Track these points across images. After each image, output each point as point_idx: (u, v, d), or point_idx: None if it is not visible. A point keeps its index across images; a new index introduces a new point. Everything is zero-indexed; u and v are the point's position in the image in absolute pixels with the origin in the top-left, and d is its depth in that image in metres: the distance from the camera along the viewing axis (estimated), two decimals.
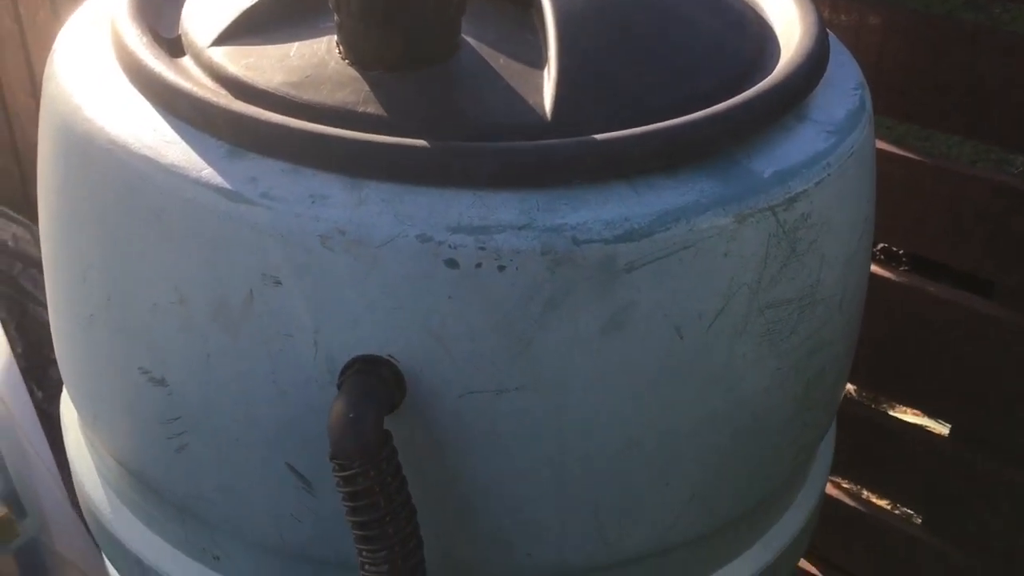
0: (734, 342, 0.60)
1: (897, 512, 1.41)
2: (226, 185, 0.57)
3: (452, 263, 0.54)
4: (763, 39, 0.71)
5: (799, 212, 0.60)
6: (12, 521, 1.28)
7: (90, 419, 0.72)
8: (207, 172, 0.57)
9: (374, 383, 0.56)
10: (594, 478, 0.61)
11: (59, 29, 0.71)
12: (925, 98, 1.00)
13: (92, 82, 0.65)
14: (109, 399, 0.68)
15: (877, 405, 1.65)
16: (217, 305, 0.58)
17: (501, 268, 0.55)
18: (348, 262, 0.55)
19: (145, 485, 0.70)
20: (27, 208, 2.16)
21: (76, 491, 0.82)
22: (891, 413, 1.52)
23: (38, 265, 2.03)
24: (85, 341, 0.67)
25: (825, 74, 0.68)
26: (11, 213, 2.19)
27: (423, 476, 0.58)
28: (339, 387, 0.57)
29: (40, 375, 1.63)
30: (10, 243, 2.12)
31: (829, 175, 0.62)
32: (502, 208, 0.55)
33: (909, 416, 1.51)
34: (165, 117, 0.61)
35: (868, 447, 1.21)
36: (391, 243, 0.54)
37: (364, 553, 0.56)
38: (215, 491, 0.65)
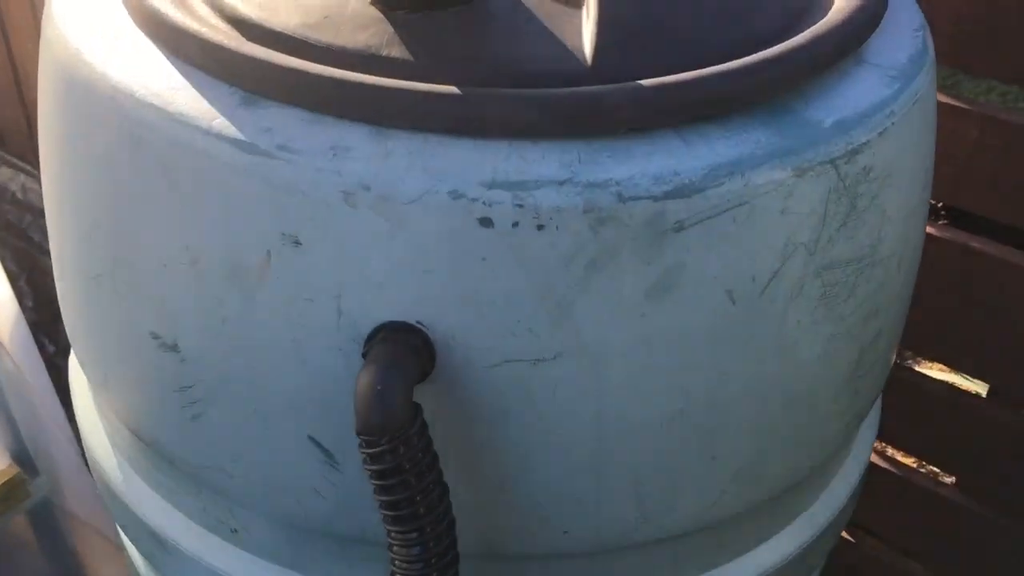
0: (788, 307, 0.56)
1: (926, 471, 1.38)
2: (239, 136, 0.52)
3: (486, 222, 0.50)
4: None
5: (861, 165, 0.56)
6: (24, 480, 1.25)
7: (100, 384, 0.69)
8: (219, 121, 0.53)
9: (402, 352, 0.52)
10: (636, 452, 0.58)
11: None
12: (975, 43, 0.95)
13: (94, 24, 0.61)
14: (119, 364, 0.64)
15: (912, 363, 1.61)
16: (232, 266, 0.54)
17: (540, 227, 0.50)
18: (373, 220, 0.51)
19: (159, 454, 0.66)
20: (35, 158, 2.14)
21: (87, 458, 0.79)
22: (925, 371, 1.49)
23: None
24: (92, 302, 0.64)
25: (885, 14, 0.63)
26: (19, 163, 2.17)
27: (455, 451, 0.55)
28: (364, 356, 0.53)
29: (52, 329, 1.60)
30: (19, 194, 2.10)
31: (893, 124, 0.57)
32: (541, 161, 0.51)
33: (944, 374, 1.47)
34: (173, 61, 0.57)
35: (900, 406, 1.18)
36: (420, 200, 0.50)
37: (394, 534, 0.52)
38: (232, 463, 0.61)
